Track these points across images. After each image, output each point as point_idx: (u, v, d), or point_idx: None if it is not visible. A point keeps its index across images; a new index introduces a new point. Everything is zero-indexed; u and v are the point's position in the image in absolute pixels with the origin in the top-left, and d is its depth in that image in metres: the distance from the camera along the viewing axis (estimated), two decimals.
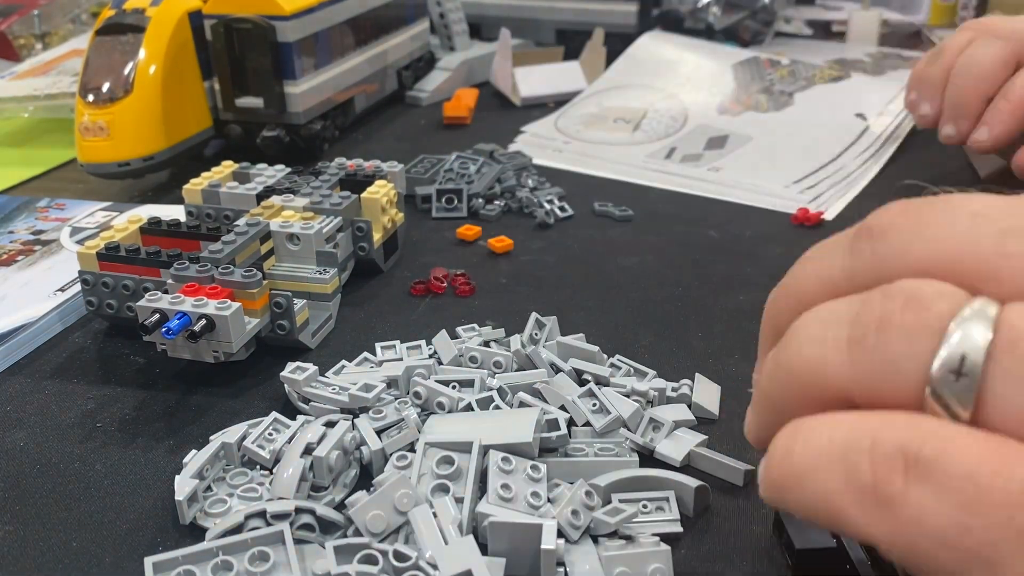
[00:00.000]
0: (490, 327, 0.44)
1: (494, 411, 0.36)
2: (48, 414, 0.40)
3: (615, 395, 0.37)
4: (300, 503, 0.31)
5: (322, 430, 0.34)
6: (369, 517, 0.30)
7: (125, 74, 0.59)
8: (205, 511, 0.33)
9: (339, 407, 0.37)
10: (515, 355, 0.40)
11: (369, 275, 0.51)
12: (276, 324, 0.42)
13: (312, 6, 0.65)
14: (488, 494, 0.31)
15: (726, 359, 0.43)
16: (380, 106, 0.80)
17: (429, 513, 0.30)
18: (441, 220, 0.59)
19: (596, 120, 0.75)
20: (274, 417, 0.36)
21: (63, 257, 0.52)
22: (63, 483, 0.36)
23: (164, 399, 0.41)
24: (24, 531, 0.33)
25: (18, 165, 0.70)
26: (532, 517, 0.30)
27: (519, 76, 0.83)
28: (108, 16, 0.62)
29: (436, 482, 0.32)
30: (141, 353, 0.44)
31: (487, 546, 0.30)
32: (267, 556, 0.29)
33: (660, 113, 0.75)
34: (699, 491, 0.33)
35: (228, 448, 0.35)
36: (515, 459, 0.32)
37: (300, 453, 0.33)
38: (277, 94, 0.64)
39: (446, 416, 0.36)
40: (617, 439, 0.36)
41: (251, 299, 0.40)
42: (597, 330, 0.44)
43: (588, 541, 0.31)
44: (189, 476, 0.33)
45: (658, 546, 0.30)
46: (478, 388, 0.38)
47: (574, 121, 0.75)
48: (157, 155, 0.61)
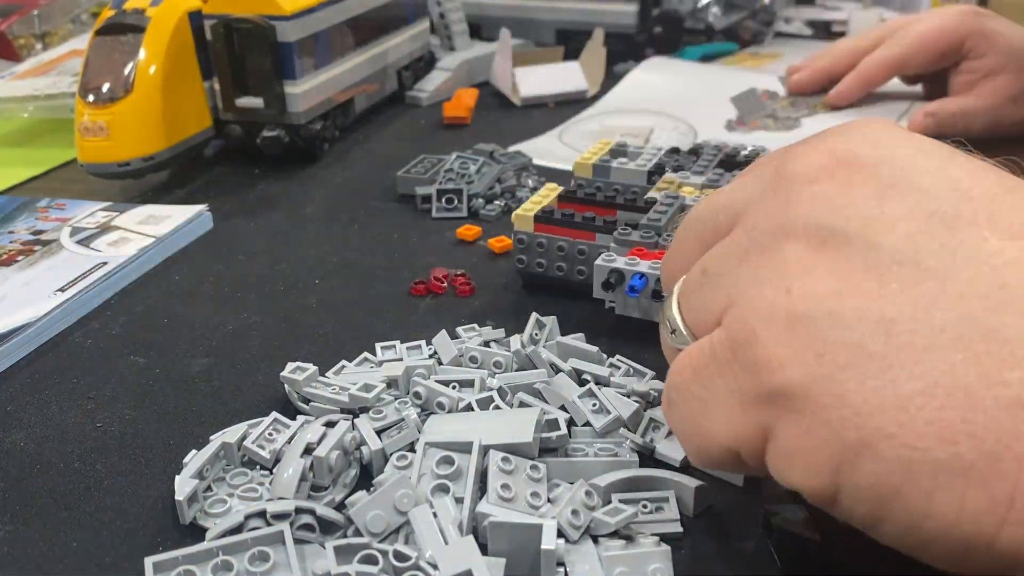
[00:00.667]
0: (490, 327, 0.44)
1: (494, 411, 0.36)
2: (48, 414, 0.40)
3: (615, 395, 0.37)
4: (300, 503, 0.31)
5: (322, 430, 0.34)
6: (369, 517, 0.30)
7: (125, 74, 0.59)
8: (205, 511, 0.33)
9: (339, 407, 0.37)
10: (515, 355, 0.40)
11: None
12: None
13: (312, 6, 0.65)
14: (488, 494, 0.31)
15: None
16: (380, 106, 0.80)
17: (429, 513, 0.30)
18: (441, 220, 0.59)
19: (601, 137, 0.75)
20: (274, 417, 0.36)
21: (63, 257, 0.52)
22: (63, 483, 0.36)
23: (164, 399, 0.41)
24: (24, 531, 0.33)
25: (18, 165, 0.70)
26: (532, 517, 0.30)
27: (519, 76, 0.83)
28: (108, 16, 0.62)
29: (436, 482, 0.32)
30: (141, 353, 0.44)
31: (487, 546, 0.30)
32: (267, 556, 0.29)
33: (667, 130, 0.74)
34: (699, 491, 0.33)
35: (228, 448, 0.35)
36: (515, 459, 0.32)
37: (300, 453, 0.33)
38: (277, 94, 0.64)
39: (446, 416, 0.36)
40: (617, 439, 0.36)
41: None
42: (597, 330, 0.44)
43: (588, 541, 0.31)
44: (189, 476, 0.33)
45: (658, 546, 0.30)
46: (478, 388, 0.38)
47: (580, 136, 0.75)
48: (157, 155, 0.61)
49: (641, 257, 0.42)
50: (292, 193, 0.64)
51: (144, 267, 0.53)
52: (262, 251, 0.55)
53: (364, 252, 0.55)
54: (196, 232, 0.57)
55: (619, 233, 0.44)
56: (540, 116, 0.78)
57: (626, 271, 0.42)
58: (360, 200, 0.62)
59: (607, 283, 0.42)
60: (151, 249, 0.53)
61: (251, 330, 0.46)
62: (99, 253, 0.52)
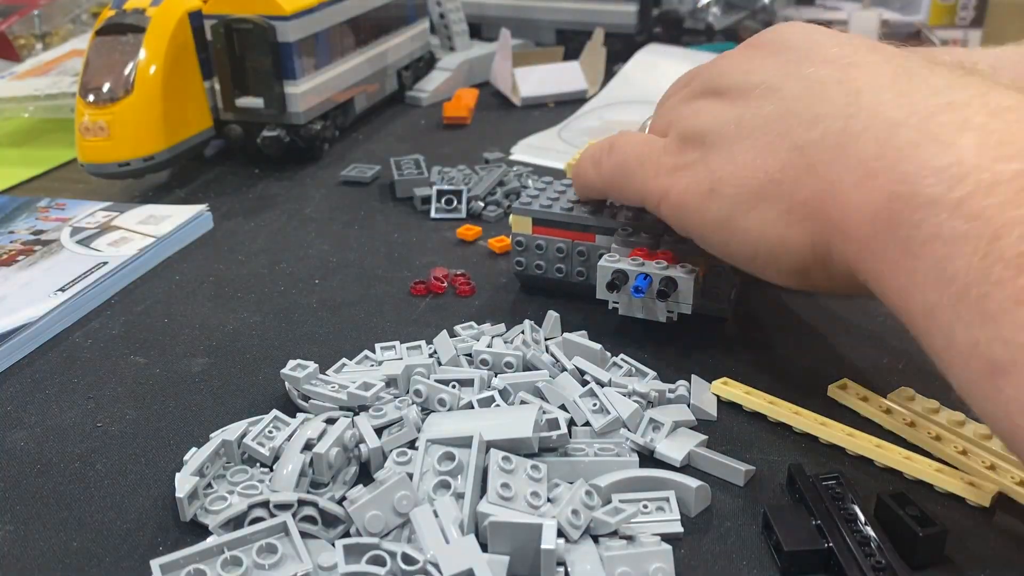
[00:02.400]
0: (489, 324, 0.44)
1: (494, 408, 0.36)
2: (48, 414, 0.40)
3: (616, 395, 0.37)
4: (303, 495, 0.31)
5: (322, 427, 0.34)
6: (368, 517, 0.30)
7: (125, 74, 0.59)
8: (206, 508, 0.33)
9: (338, 405, 0.37)
10: (518, 348, 0.41)
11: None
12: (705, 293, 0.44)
13: (312, 6, 0.65)
14: (488, 493, 0.31)
15: (723, 359, 0.43)
16: (380, 106, 0.80)
17: (430, 513, 0.30)
18: (441, 220, 0.59)
19: (601, 133, 0.75)
20: (274, 415, 0.37)
21: (64, 257, 0.52)
22: (63, 483, 0.36)
23: (164, 398, 0.41)
24: (24, 531, 0.33)
25: (18, 165, 0.70)
26: (532, 517, 0.30)
27: (519, 76, 0.83)
28: (108, 16, 0.62)
29: (438, 479, 0.32)
30: (141, 353, 0.44)
31: (487, 545, 0.30)
32: (275, 548, 0.29)
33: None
34: (699, 491, 0.33)
35: (228, 445, 0.35)
36: (515, 459, 0.32)
37: (300, 449, 0.33)
38: (277, 94, 0.64)
39: (446, 414, 0.36)
40: (617, 439, 0.36)
41: (696, 266, 0.42)
42: (597, 330, 0.44)
43: (588, 541, 0.31)
44: (189, 473, 0.33)
45: (659, 546, 0.30)
46: (478, 388, 0.38)
47: (579, 133, 0.75)
48: (157, 155, 0.61)
49: (644, 257, 0.42)
50: (292, 193, 0.64)
51: (144, 267, 0.53)
52: (262, 251, 0.55)
53: (364, 252, 0.55)
54: (196, 232, 0.57)
55: (621, 234, 0.44)
56: (540, 116, 0.78)
57: (630, 272, 0.42)
58: (360, 200, 0.62)
59: (611, 284, 0.42)
60: (151, 249, 0.53)
61: (251, 330, 0.46)
62: (99, 253, 0.52)
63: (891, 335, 0.44)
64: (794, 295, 0.47)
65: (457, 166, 0.64)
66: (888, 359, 0.42)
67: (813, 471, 0.34)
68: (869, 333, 0.45)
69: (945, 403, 0.38)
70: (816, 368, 0.42)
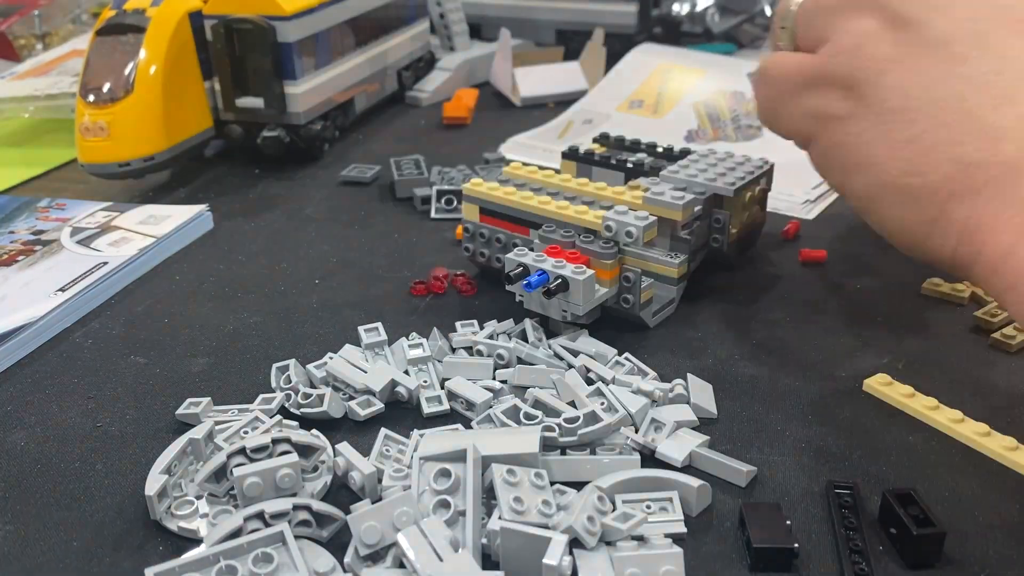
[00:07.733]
0: (495, 322, 0.44)
1: (492, 428, 0.36)
2: (48, 414, 0.40)
3: (624, 392, 0.37)
4: (297, 500, 0.31)
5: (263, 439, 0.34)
6: (364, 527, 0.30)
7: (125, 74, 0.59)
8: (172, 512, 0.33)
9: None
10: (520, 340, 0.41)
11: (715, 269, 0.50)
12: (622, 297, 0.44)
13: (312, 6, 0.65)
14: (501, 510, 0.30)
15: (721, 359, 0.43)
16: (380, 106, 0.80)
17: (418, 534, 0.29)
18: (441, 220, 0.59)
19: (592, 130, 0.74)
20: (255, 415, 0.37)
21: (64, 257, 0.52)
22: (63, 483, 0.36)
23: (164, 399, 0.41)
24: (24, 531, 0.33)
25: (19, 165, 0.70)
26: (543, 530, 0.29)
27: (519, 76, 0.83)
28: (108, 16, 0.62)
29: (437, 498, 0.31)
30: (141, 353, 0.44)
31: (498, 563, 0.30)
32: (271, 558, 0.29)
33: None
34: (700, 491, 0.33)
35: (195, 444, 0.35)
36: (519, 470, 0.32)
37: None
38: (277, 94, 0.64)
39: (442, 434, 0.36)
40: (618, 439, 0.36)
41: (604, 269, 0.42)
42: (596, 329, 0.44)
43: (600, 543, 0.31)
44: (158, 472, 0.33)
45: (670, 548, 0.30)
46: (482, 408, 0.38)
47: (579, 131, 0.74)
48: (157, 155, 0.61)
49: (553, 256, 0.43)
50: (292, 193, 0.64)
51: (144, 267, 0.53)
52: (262, 251, 0.55)
53: (364, 252, 0.55)
54: (196, 232, 0.57)
55: (544, 229, 0.44)
56: (540, 116, 0.78)
57: (531, 267, 0.42)
58: (360, 200, 0.62)
59: (508, 276, 0.42)
60: (151, 249, 0.53)
61: (251, 330, 0.46)
62: (99, 253, 0.52)
63: (891, 335, 0.44)
64: (794, 294, 0.48)
65: (457, 166, 0.65)
66: (888, 359, 0.42)
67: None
68: (869, 333, 0.45)
69: (944, 402, 0.38)
70: (816, 368, 0.42)
